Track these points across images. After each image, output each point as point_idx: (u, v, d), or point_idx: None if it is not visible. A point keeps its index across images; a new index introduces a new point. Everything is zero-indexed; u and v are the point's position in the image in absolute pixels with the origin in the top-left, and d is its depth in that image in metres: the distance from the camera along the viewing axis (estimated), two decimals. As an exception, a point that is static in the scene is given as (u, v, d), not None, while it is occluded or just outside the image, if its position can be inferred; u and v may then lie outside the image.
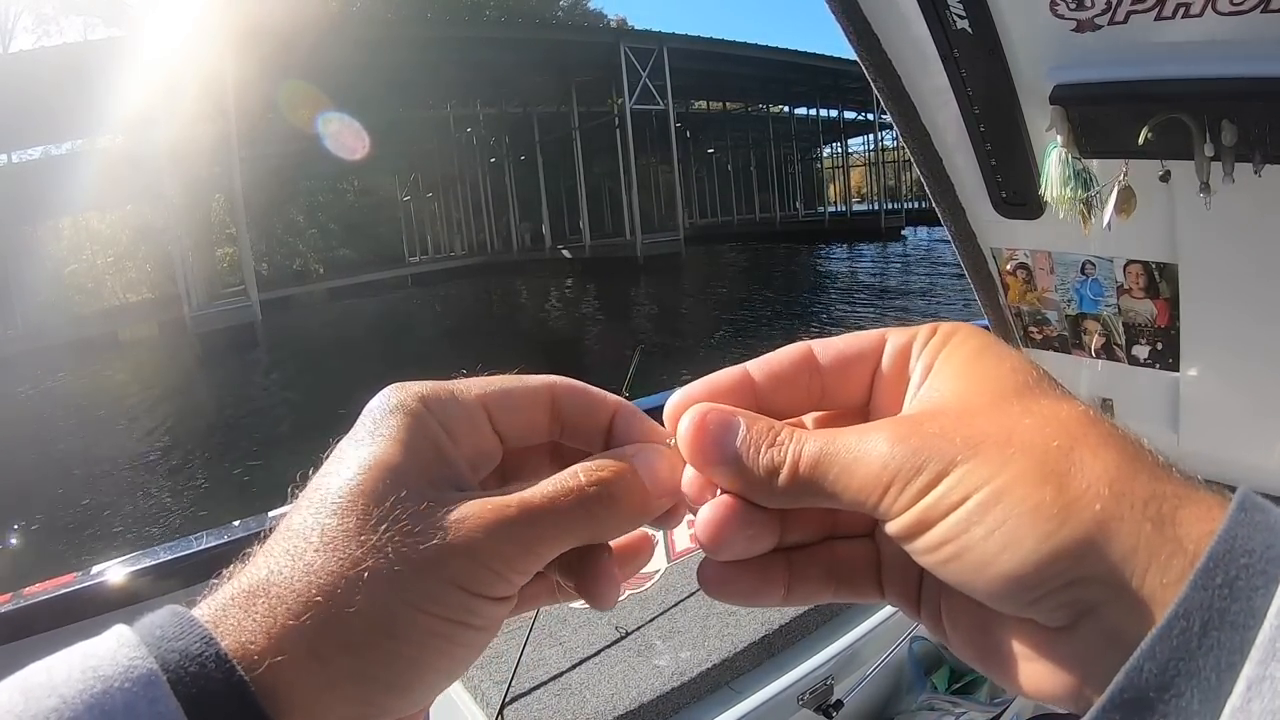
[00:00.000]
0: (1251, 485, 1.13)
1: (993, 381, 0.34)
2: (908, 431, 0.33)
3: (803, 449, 0.35)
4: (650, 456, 0.39)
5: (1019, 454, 0.30)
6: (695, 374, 0.41)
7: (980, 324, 0.34)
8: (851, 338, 0.40)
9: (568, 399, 0.42)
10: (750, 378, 0.40)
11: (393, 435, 0.37)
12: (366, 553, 0.33)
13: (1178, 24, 1.15)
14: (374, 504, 0.34)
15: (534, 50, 28.97)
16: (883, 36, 1.49)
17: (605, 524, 0.38)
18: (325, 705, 0.32)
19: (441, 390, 0.39)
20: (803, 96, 46.37)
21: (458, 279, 34.80)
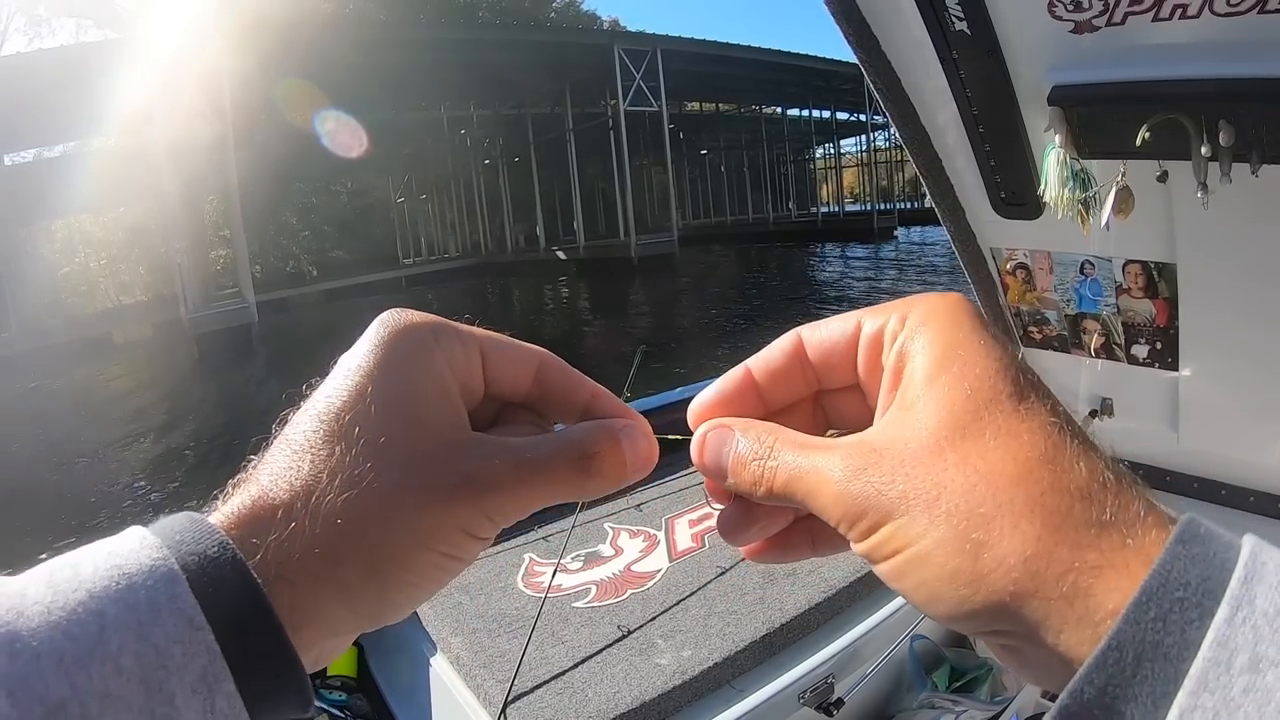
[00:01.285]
0: (1250, 482, 1.14)
1: (946, 413, 0.34)
2: (860, 467, 0.35)
3: (777, 469, 0.38)
4: (634, 434, 0.42)
5: (944, 518, 0.32)
6: (692, 372, 0.42)
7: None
8: (832, 326, 0.42)
9: (554, 370, 0.45)
10: (751, 377, 0.43)
11: (406, 365, 0.39)
12: (389, 488, 0.36)
13: (1175, 25, 1.16)
14: (394, 438, 0.37)
15: (528, 52, 28.89)
16: (882, 38, 1.49)
17: (590, 487, 0.41)
18: (324, 616, 0.35)
19: (449, 326, 0.41)
20: (795, 97, 46.30)
21: (453, 280, 34.68)
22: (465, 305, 28.30)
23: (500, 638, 2.06)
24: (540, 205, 37.60)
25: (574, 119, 34.33)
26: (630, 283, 27.93)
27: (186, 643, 0.30)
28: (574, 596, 2.22)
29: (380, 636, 2.38)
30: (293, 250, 36.78)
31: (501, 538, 2.53)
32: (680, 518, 2.60)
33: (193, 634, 0.30)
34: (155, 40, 18.94)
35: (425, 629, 2.21)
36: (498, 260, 38.28)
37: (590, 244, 34.59)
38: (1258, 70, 1.14)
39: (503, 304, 28.93)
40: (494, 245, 40.51)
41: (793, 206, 55.51)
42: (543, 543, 2.50)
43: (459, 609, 2.20)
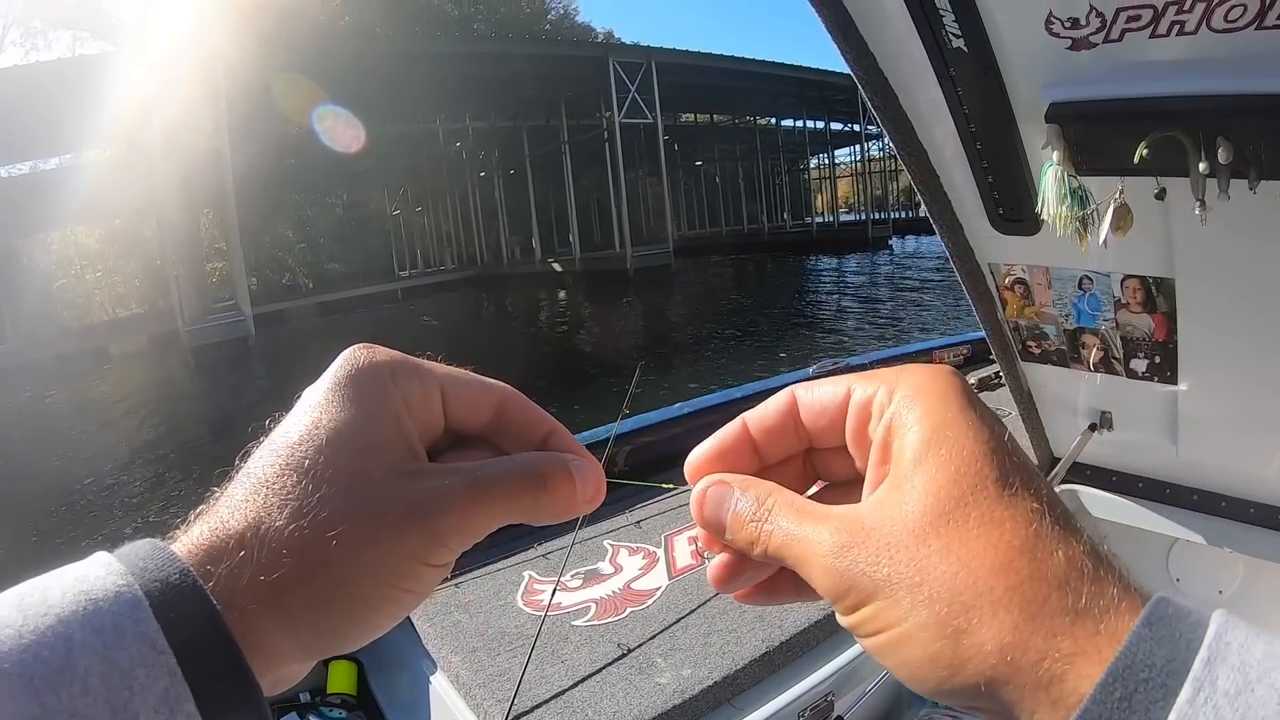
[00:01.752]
0: (1250, 494, 1.14)
1: (931, 497, 0.35)
2: (848, 544, 0.36)
3: (773, 533, 0.40)
4: (585, 467, 0.44)
5: (926, 604, 0.33)
6: (690, 385, 0.42)
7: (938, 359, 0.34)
8: (824, 390, 0.43)
9: (514, 405, 0.46)
10: (748, 432, 0.45)
11: (361, 400, 0.40)
12: (336, 519, 0.36)
13: (1172, 42, 1.16)
14: (344, 470, 0.38)
15: (524, 64, 28.99)
16: (879, 56, 1.49)
17: (542, 509, 0.42)
18: (278, 646, 0.36)
19: (409, 363, 0.43)
20: (789, 108, 46.50)
21: (448, 292, 34.71)
22: (463, 317, 28.32)
23: (500, 656, 2.05)
24: (536, 217, 37.71)
25: (569, 131, 34.46)
26: (626, 295, 27.97)
27: (149, 665, 0.31)
28: (574, 615, 2.21)
29: (380, 654, 2.37)
30: (288, 262, 36.83)
31: (501, 556, 2.53)
32: (679, 535, 2.58)
33: (155, 657, 0.32)
34: (151, 52, 18.97)
35: (425, 647, 2.20)
36: (494, 272, 38.34)
37: (586, 256, 34.67)
38: (1255, 86, 1.14)
39: (499, 316, 28.95)
40: (490, 257, 40.57)
41: (788, 217, 55.64)
42: (542, 560, 2.49)
43: (459, 627, 2.19)
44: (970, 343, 4.46)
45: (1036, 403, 2.31)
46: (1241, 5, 1.07)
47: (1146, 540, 2.39)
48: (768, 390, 2.86)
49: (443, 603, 2.33)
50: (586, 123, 34.84)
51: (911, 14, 1.35)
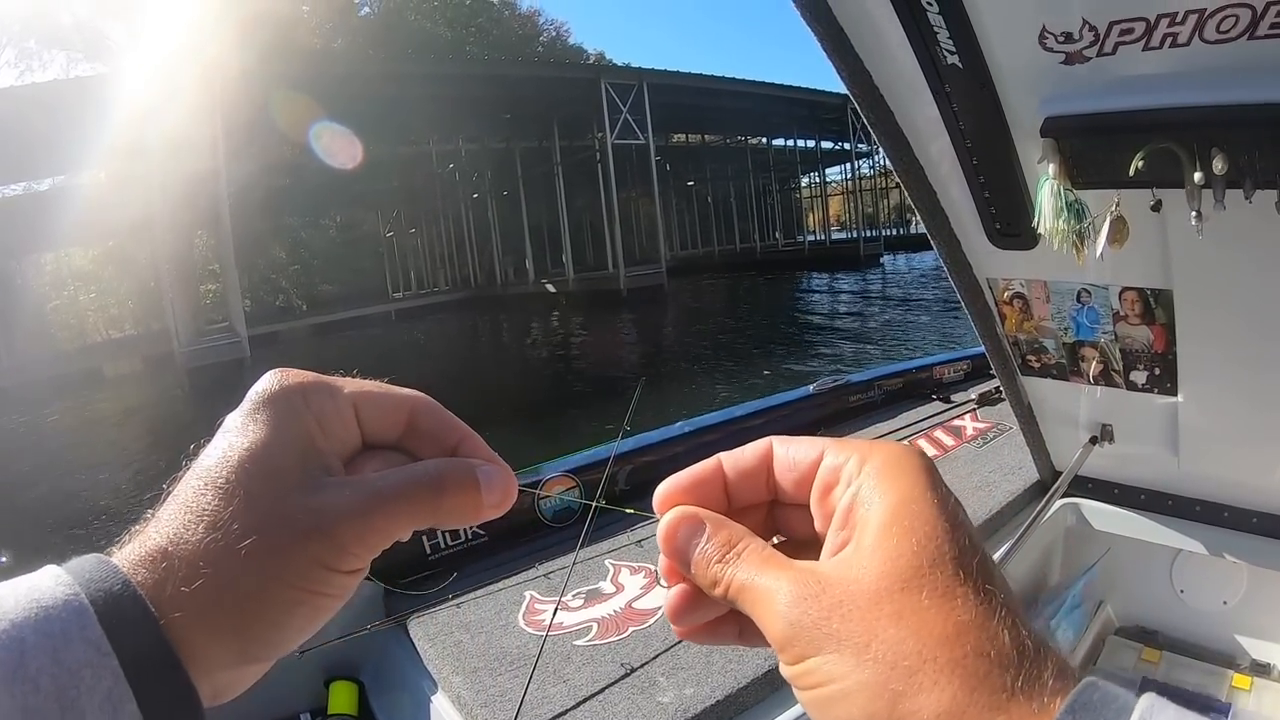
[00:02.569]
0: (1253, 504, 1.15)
1: (890, 564, 0.36)
2: (804, 596, 0.37)
3: (734, 577, 0.41)
4: (491, 473, 0.46)
5: (870, 664, 0.34)
6: (685, 403, 0.43)
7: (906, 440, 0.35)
8: (799, 448, 0.45)
9: (426, 414, 0.48)
10: (722, 471, 0.46)
11: (273, 422, 0.43)
12: (246, 532, 0.39)
13: (1165, 54, 1.16)
14: (255, 487, 0.41)
15: (516, 86, 29.15)
16: (874, 72, 1.50)
17: (443, 514, 0.45)
18: (208, 652, 0.39)
19: (321, 384, 0.45)
20: (780, 128, 46.79)
21: (442, 313, 34.71)
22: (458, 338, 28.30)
23: (502, 676, 2.04)
24: (529, 238, 37.76)
25: (562, 152, 34.60)
26: (619, 315, 27.99)
27: (95, 666, 0.35)
28: (575, 634, 2.20)
29: (381, 674, 2.35)
30: (282, 284, 36.85)
31: (502, 576, 2.52)
32: (681, 553, 2.55)
33: (100, 659, 0.35)
34: (146, 74, 19.02)
35: (426, 667, 2.18)
36: (487, 293, 38.35)
37: (579, 276, 34.72)
38: (1249, 96, 1.15)
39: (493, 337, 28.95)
40: (483, 279, 40.57)
41: (779, 235, 55.84)
42: (543, 580, 2.48)
43: (460, 647, 2.18)
44: (970, 358, 4.48)
45: (1037, 416, 2.31)
46: (1233, 16, 1.07)
47: (1150, 552, 2.39)
48: (770, 408, 2.87)
49: (444, 623, 2.32)
50: (579, 144, 35.00)
51: (906, 31, 1.35)
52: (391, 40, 36.30)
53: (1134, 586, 2.56)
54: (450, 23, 41.08)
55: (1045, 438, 2.41)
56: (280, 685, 2.30)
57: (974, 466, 3.06)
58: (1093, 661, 2.45)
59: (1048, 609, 2.36)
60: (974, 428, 3.55)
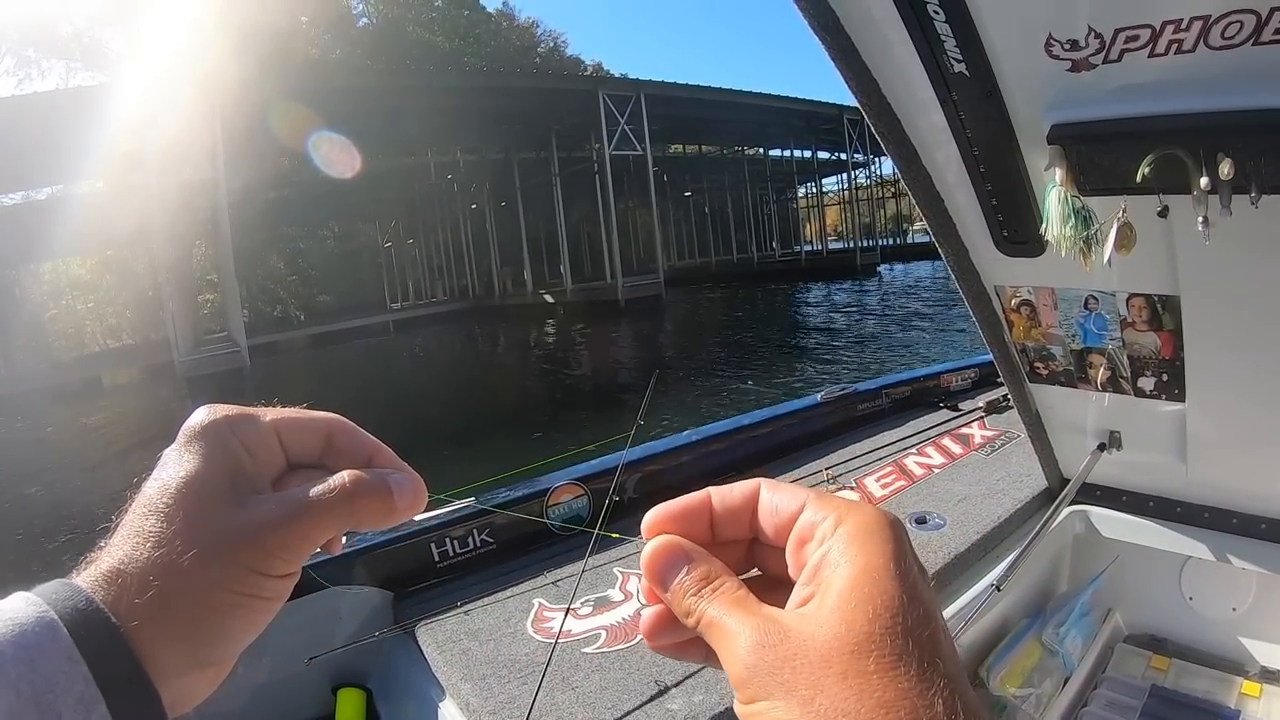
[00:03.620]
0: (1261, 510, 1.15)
1: (845, 628, 0.38)
2: (764, 643, 0.39)
3: (705, 612, 0.43)
4: (402, 480, 0.52)
5: (812, 716, 0.36)
6: (686, 412, 0.43)
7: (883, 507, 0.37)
8: (783, 497, 0.47)
9: (341, 434, 0.54)
10: (711, 505, 0.48)
11: (204, 452, 0.48)
12: (185, 547, 0.44)
13: (1171, 60, 1.17)
14: (191, 507, 0.46)
15: (514, 98, 29.21)
16: (882, 81, 1.50)
17: (360, 519, 0.50)
18: (163, 656, 0.43)
19: (245, 415, 0.51)
20: (777, 138, 46.85)
21: (441, 324, 34.70)
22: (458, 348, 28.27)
23: (510, 684, 2.03)
24: (527, 249, 37.74)
25: (559, 163, 34.64)
26: (618, 324, 27.98)
27: (67, 673, 0.39)
28: (584, 642, 2.20)
29: (389, 682, 2.35)
30: (279, 294, 36.83)
31: (511, 583, 2.52)
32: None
33: (71, 666, 0.40)
34: (145, 83, 19.02)
35: (434, 674, 2.18)
36: (485, 304, 38.37)
37: (577, 287, 34.75)
38: (1254, 102, 1.15)
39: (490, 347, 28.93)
40: (481, 289, 40.57)
41: (776, 245, 55.91)
42: (552, 588, 2.48)
43: (468, 655, 2.18)
44: (978, 366, 4.47)
45: (1045, 424, 2.32)
46: (1238, 22, 1.07)
47: (1159, 559, 2.39)
48: (777, 417, 2.86)
49: (452, 630, 2.32)
50: (577, 155, 35.05)
51: (913, 40, 1.36)
52: (390, 51, 36.44)
53: (1142, 594, 2.56)
54: (448, 34, 41.21)
55: (1053, 445, 2.42)
56: (288, 693, 2.30)
57: (982, 474, 3.05)
58: (1101, 669, 2.44)
59: (1056, 617, 2.36)
60: (982, 435, 3.55)
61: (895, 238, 59.17)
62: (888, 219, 56.02)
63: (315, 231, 39.16)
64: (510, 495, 2.94)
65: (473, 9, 44.38)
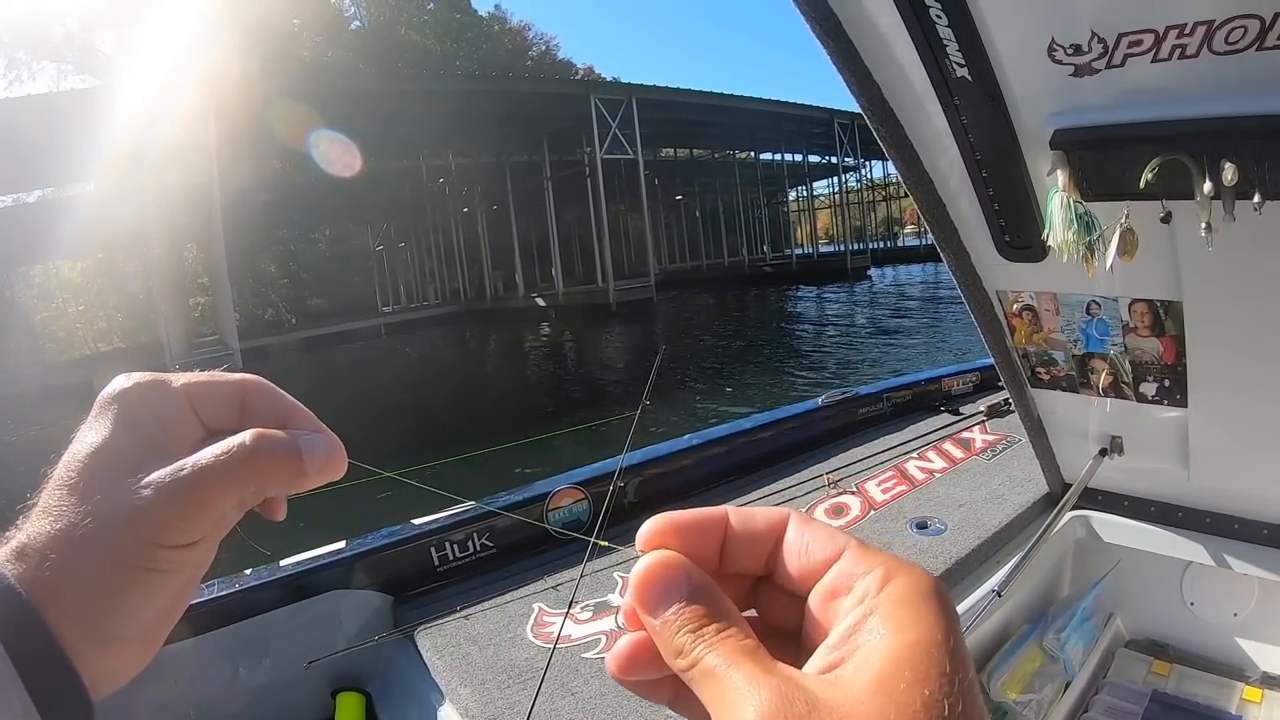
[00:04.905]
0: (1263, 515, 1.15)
1: (895, 712, 0.32)
2: (781, 710, 0.33)
3: (702, 660, 0.36)
4: (315, 442, 0.49)
5: None
6: (681, 414, 0.41)
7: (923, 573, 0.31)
8: (819, 537, 0.40)
9: (256, 395, 0.52)
10: (728, 524, 0.42)
11: (111, 421, 0.47)
12: (81, 519, 0.43)
13: (1174, 66, 1.17)
14: (93, 479, 0.45)
15: (507, 102, 29.23)
16: (884, 85, 1.50)
17: (265, 482, 0.47)
18: (65, 632, 0.42)
19: (156, 382, 0.49)
20: (768, 142, 46.95)
21: (433, 327, 34.66)
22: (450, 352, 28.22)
23: (509, 688, 2.03)
24: (519, 252, 37.75)
25: (551, 167, 34.69)
26: (610, 327, 27.99)
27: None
28: (583, 647, 2.19)
29: (389, 686, 2.34)
30: (271, 298, 36.72)
31: (510, 588, 2.51)
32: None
33: None
34: (138, 87, 18.96)
35: (434, 679, 2.18)
36: (477, 307, 38.36)
37: (569, 290, 34.77)
38: (1257, 108, 1.15)
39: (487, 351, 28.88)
40: (473, 293, 40.59)
41: (767, 249, 55.96)
42: (552, 593, 2.47)
43: (468, 660, 2.17)
44: (979, 370, 4.48)
45: (1047, 429, 2.32)
46: (1242, 27, 1.08)
47: (1161, 564, 2.40)
48: (777, 421, 2.86)
49: (452, 634, 2.31)
50: (568, 158, 35.11)
51: (916, 44, 1.36)
52: (382, 54, 36.34)
53: (1144, 599, 2.56)
54: (440, 37, 41.15)
55: (1055, 450, 2.42)
56: (288, 696, 2.29)
57: (983, 479, 3.06)
58: (1102, 675, 2.44)
59: (1057, 622, 2.36)
60: (983, 440, 3.56)
61: (886, 241, 59.33)
62: (878, 222, 56.15)
63: (307, 235, 39.06)
64: (510, 499, 2.94)
65: (465, 12, 44.34)
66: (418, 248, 42.03)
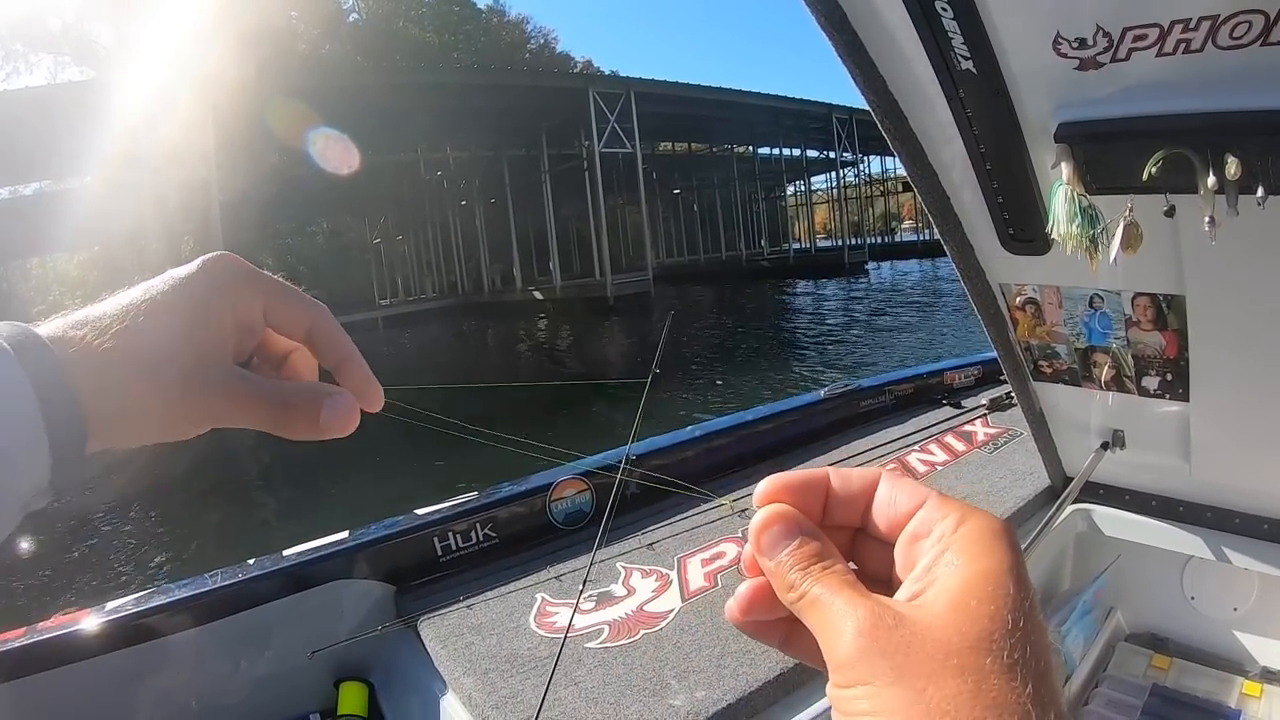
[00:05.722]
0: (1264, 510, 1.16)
1: (967, 624, 0.37)
2: (875, 625, 0.38)
3: (808, 591, 0.42)
4: (338, 402, 0.54)
5: (921, 708, 0.35)
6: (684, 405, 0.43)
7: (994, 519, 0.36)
8: (903, 491, 0.45)
9: (324, 326, 0.57)
10: (829, 484, 0.47)
11: (198, 291, 0.53)
12: (135, 356, 0.49)
13: (1179, 60, 1.17)
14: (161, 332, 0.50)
15: (505, 95, 29.17)
16: (889, 78, 1.50)
17: (290, 430, 0.53)
18: (86, 404, 0.47)
19: (248, 275, 0.55)
20: (766, 137, 46.91)
21: (430, 321, 34.57)
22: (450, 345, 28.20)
23: (513, 678, 2.04)
24: (516, 246, 37.66)
25: (549, 161, 34.63)
26: (607, 321, 27.99)
27: (14, 381, 0.44)
28: (587, 637, 2.20)
29: (392, 675, 2.35)
30: (267, 291, 36.64)
31: (514, 578, 2.53)
32: (692, 557, 2.58)
33: (18, 381, 0.44)
34: (137, 80, 18.91)
35: (437, 668, 2.19)
36: (474, 301, 38.27)
37: (566, 284, 34.72)
38: (1263, 103, 1.15)
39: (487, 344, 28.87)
40: (470, 286, 40.48)
41: (765, 244, 55.96)
42: (555, 583, 2.48)
43: (471, 649, 2.18)
44: (982, 363, 4.48)
45: (1049, 422, 2.33)
46: (1247, 22, 1.07)
47: (1161, 559, 2.41)
48: (780, 413, 2.87)
49: (455, 624, 2.32)
50: (567, 152, 35.06)
51: (921, 37, 1.36)
52: (380, 47, 36.26)
53: (1144, 593, 2.57)
54: (439, 30, 41.06)
55: (1057, 444, 2.43)
56: (290, 685, 2.30)
57: (985, 472, 3.07)
58: (1103, 668, 2.46)
59: (1058, 615, 2.36)
60: (985, 433, 3.56)
61: (884, 236, 59.30)
62: (876, 218, 56.11)
63: (304, 228, 38.95)
64: (514, 490, 2.94)
65: (463, 5, 44.21)
66: (415, 241, 41.92)
